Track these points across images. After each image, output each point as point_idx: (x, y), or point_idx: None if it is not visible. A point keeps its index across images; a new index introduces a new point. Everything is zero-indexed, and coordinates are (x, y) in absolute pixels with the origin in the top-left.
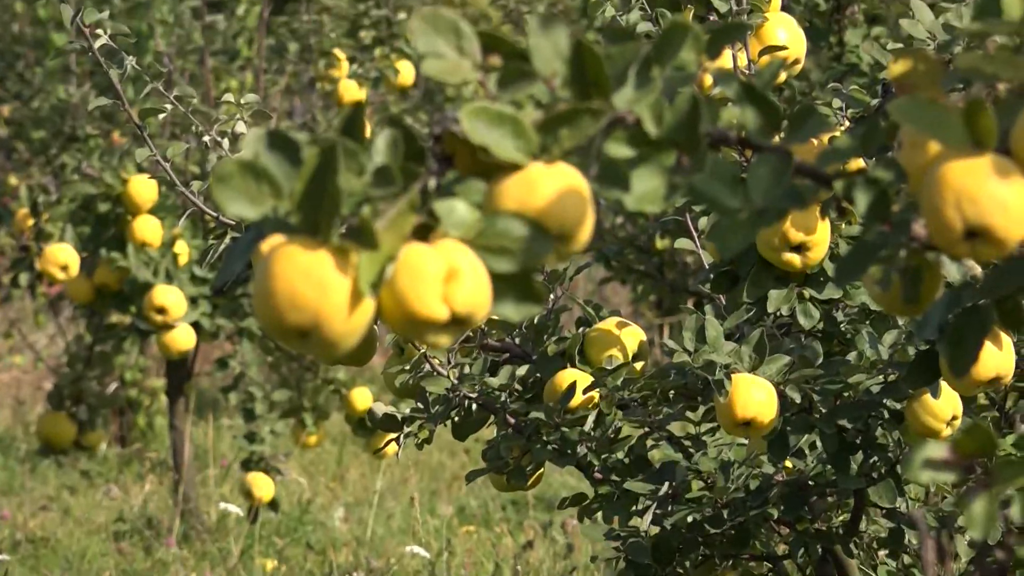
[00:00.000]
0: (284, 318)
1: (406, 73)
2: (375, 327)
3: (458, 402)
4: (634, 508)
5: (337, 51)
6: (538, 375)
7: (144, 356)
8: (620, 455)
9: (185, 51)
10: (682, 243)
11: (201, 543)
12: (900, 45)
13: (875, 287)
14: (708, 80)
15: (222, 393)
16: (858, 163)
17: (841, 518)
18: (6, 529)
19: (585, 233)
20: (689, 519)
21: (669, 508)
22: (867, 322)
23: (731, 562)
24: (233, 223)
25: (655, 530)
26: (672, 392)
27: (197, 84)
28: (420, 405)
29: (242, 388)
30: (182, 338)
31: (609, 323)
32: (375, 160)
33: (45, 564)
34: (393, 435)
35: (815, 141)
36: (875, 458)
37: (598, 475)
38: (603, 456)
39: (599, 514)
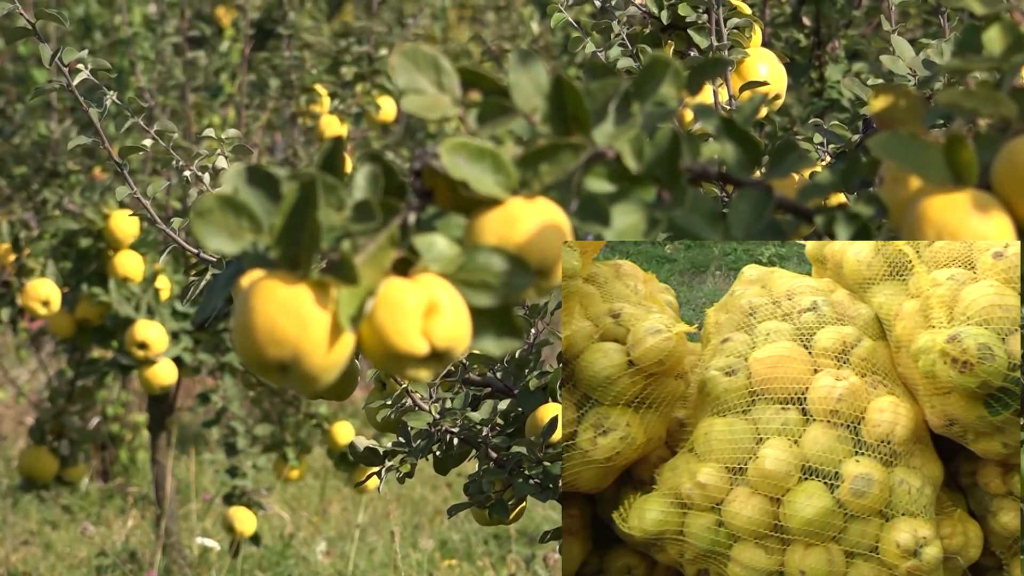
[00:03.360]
0: (264, 352)
1: (387, 109)
2: (356, 361)
3: (440, 436)
4: None
5: (318, 87)
6: (520, 409)
7: (126, 391)
8: None
9: (166, 87)
10: None
11: None
12: (881, 81)
13: None
14: (689, 115)
15: (204, 428)
16: (839, 198)
17: None
18: None
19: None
20: None
21: None
22: None
23: None
24: (214, 259)
25: None
26: None
27: (178, 120)
28: (402, 439)
29: (224, 423)
30: (164, 373)
31: None
32: (355, 195)
33: None
34: (375, 469)
35: (796, 176)
36: None
37: None
38: None
39: None
